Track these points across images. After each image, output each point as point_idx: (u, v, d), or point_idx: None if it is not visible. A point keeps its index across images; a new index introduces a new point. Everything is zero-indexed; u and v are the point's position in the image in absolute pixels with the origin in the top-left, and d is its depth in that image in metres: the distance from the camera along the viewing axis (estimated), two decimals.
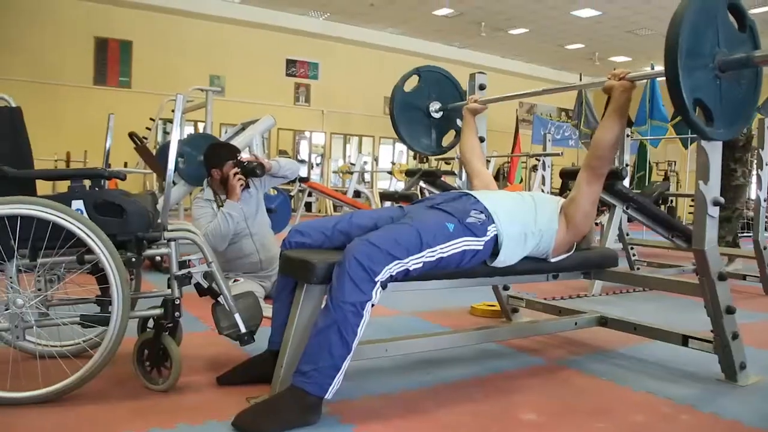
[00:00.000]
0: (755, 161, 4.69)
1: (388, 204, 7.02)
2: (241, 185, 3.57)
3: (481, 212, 2.26)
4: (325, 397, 1.86)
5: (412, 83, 3.46)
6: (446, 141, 3.58)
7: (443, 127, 3.51)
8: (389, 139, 17.95)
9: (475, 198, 2.35)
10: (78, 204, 2.04)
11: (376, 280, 1.90)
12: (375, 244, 1.94)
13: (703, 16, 2.09)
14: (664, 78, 2.04)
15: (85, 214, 2.02)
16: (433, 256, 2.08)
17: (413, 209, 2.34)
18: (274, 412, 1.84)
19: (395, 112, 3.39)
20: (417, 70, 3.47)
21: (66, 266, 2.12)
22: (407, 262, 2.00)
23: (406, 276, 2.02)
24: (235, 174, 3.54)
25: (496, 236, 2.26)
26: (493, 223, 2.25)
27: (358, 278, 1.87)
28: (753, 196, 4.88)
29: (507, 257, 2.30)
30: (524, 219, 2.35)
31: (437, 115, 3.46)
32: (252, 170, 3.56)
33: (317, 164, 17.21)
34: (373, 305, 1.92)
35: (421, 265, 2.05)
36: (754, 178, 5.10)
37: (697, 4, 2.05)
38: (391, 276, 1.96)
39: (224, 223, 3.49)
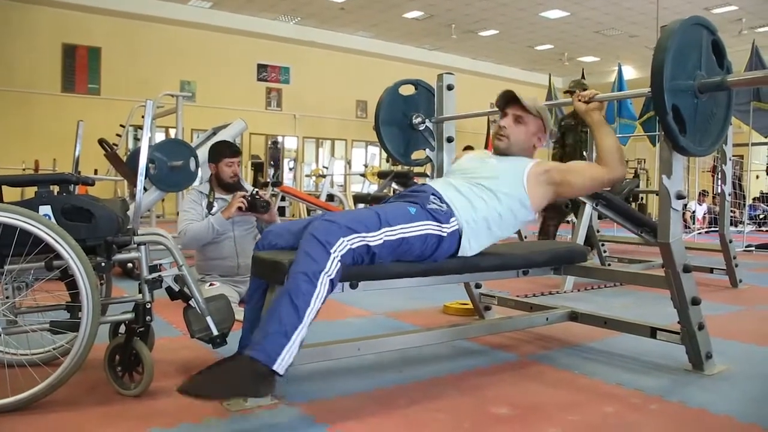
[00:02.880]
0: (719, 157, 4.77)
1: (361, 206, 7.04)
2: (239, 208, 3.63)
3: (442, 202, 2.31)
4: (274, 368, 1.77)
5: (406, 90, 3.54)
6: (415, 155, 3.64)
7: (418, 141, 3.57)
8: (362, 143, 17.99)
9: (433, 188, 2.39)
10: (45, 209, 2.02)
11: (331, 251, 1.92)
12: (332, 220, 1.99)
13: (694, 34, 2.28)
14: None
15: (52, 220, 2.01)
16: (394, 234, 2.11)
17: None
18: (221, 378, 1.77)
19: (381, 108, 3.46)
20: (417, 81, 3.57)
21: (34, 273, 2.10)
22: (366, 237, 2.02)
23: (368, 254, 2.04)
24: (241, 197, 3.63)
25: (458, 228, 2.32)
26: (454, 215, 2.31)
27: (312, 250, 1.90)
28: (718, 191, 4.97)
29: (474, 245, 2.37)
30: (484, 206, 2.39)
31: (417, 128, 3.52)
32: (256, 205, 3.67)
33: (290, 168, 17.15)
34: (331, 280, 1.90)
35: (381, 241, 2.07)
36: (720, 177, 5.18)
37: (693, 20, 2.27)
38: (351, 250, 1.97)
39: (206, 231, 3.59)
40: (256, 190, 3.77)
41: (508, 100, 2.61)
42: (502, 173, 2.48)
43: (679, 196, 2.36)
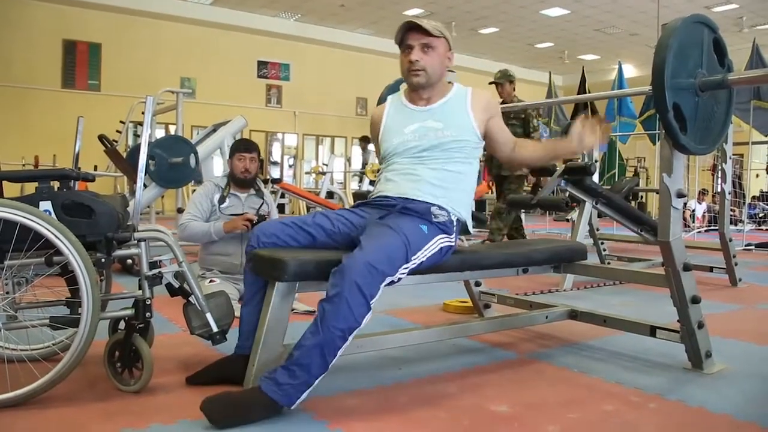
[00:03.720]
0: (719, 155, 4.77)
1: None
2: (241, 230, 3.65)
3: (442, 209, 2.30)
4: (292, 408, 1.90)
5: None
6: None
7: None
8: None
9: (426, 201, 2.29)
10: (46, 205, 2.02)
11: (371, 303, 1.93)
12: (374, 265, 1.94)
13: (696, 32, 2.29)
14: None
15: (53, 215, 2.01)
16: (415, 262, 2.14)
17: (375, 219, 2.31)
18: (239, 411, 1.86)
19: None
20: None
21: (34, 268, 2.10)
22: (395, 276, 2.05)
23: (389, 284, 2.06)
24: (246, 221, 3.62)
25: (458, 220, 2.35)
26: (451, 213, 2.32)
27: (354, 303, 1.88)
28: (718, 189, 4.97)
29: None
30: (466, 180, 2.41)
31: None
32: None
33: (290, 165, 17.15)
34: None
35: (405, 273, 2.10)
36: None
37: (694, 18, 2.27)
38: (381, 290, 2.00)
39: (203, 234, 3.66)
40: (265, 213, 3.78)
41: (407, 31, 2.39)
42: (458, 130, 2.39)
43: (680, 195, 2.37)
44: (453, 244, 2.32)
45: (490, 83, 6.22)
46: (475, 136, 2.43)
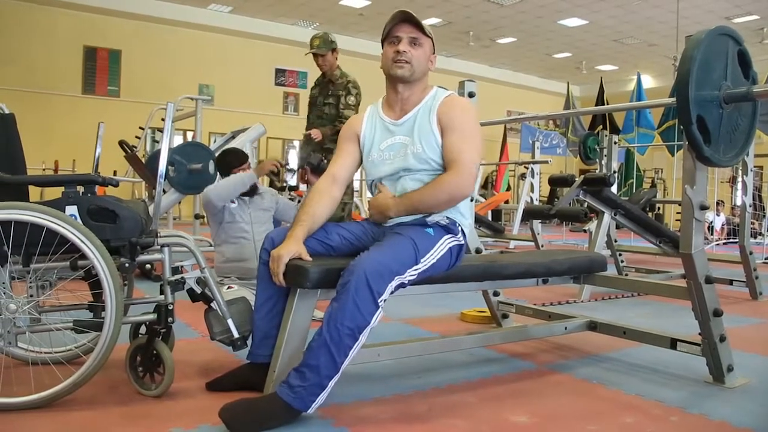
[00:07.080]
0: (740, 167, 4.74)
1: None
2: (270, 170, 3.73)
3: (440, 213, 2.27)
4: (308, 412, 1.90)
5: None
6: None
7: None
8: None
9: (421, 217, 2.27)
10: (72, 209, 2.04)
11: (379, 302, 1.92)
12: (382, 263, 1.95)
13: (720, 44, 2.29)
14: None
15: (78, 220, 2.03)
16: (426, 264, 2.13)
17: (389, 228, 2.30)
18: (257, 417, 1.87)
19: None
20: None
21: (58, 272, 2.12)
22: (404, 277, 2.04)
23: (398, 287, 2.05)
24: (274, 164, 3.74)
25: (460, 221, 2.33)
26: (452, 214, 2.29)
27: (362, 300, 1.88)
28: (738, 202, 4.93)
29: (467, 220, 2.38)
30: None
31: None
32: (321, 170, 3.44)
33: None
34: (371, 329, 1.94)
35: (415, 276, 2.09)
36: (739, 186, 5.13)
37: (719, 30, 2.28)
38: (390, 293, 1.99)
39: (234, 184, 3.57)
40: (316, 162, 3.74)
41: (399, 21, 2.30)
42: (425, 145, 2.26)
43: (703, 207, 2.36)
44: (462, 243, 2.30)
45: (307, 54, 5.28)
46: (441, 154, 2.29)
